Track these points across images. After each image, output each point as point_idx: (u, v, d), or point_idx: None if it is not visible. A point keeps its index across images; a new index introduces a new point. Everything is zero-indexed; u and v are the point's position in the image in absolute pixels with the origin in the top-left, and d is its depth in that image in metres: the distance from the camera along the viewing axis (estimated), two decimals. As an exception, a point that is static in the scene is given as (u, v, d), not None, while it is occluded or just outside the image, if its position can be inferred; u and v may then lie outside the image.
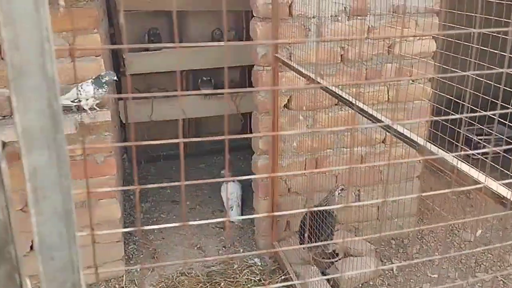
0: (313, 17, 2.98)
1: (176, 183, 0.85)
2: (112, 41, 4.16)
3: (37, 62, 0.59)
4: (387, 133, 2.48)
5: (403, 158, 3.10)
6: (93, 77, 2.62)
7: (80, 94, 2.59)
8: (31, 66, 0.58)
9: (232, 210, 3.76)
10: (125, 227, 3.54)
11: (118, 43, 4.17)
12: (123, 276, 3.10)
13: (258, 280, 3.11)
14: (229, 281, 3.08)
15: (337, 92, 2.17)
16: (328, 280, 3.01)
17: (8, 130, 2.36)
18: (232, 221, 3.75)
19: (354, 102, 2.08)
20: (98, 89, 2.60)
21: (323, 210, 2.86)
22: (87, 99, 2.60)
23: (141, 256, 3.35)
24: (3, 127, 2.37)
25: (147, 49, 4.30)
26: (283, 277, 3.09)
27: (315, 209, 2.92)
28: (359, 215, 3.40)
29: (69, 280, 0.67)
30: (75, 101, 2.60)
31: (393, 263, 3.34)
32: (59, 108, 0.61)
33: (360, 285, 3.09)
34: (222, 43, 4.65)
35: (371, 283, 3.12)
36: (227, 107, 4.52)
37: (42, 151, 0.62)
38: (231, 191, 3.84)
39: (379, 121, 1.89)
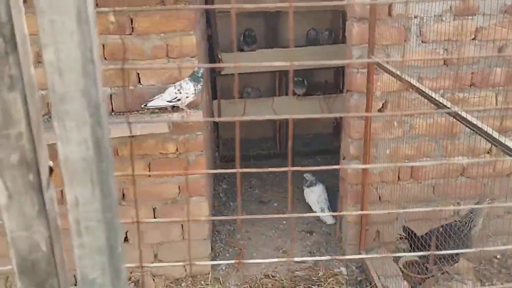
0: (414, 17, 2.81)
1: (283, 168, 0.77)
2: (209, 42, 4.25)
3: (79, 87, 0.54)
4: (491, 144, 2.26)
5: None
6: (189, 75, 2.68)
7: (180, 93, 2.65)
8: (72, 91, 0.54)
9: (324, 212, 3.66)
10: (213, 225, 3.61)
11: (215, 44, 4.25)
12: (209, 274, 3.15)
13: (343, 290, 3.00)
14: (312, 288, 3.00)
15: (434, 97, 2.01)
16: (419, 297, 2.83)
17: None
18: (329, 223, 3.66)
19: (452, 107, 1.91)
20: (197, 85, 2.66)
21: (462, 228, 2.65)
22: (187, 97, 2.66)
23: (227, 254, 3.38)
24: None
25: (242, 49, 4.35)
26: (370, 290, 2.95)
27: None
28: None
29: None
30: (173, 100, 2.67)
31: (493, 285, 3.06)
32: (104, 136, 0.57)
33: (455, 306, 2.87)
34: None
35: (467, 304, 2.88)
36: (319, 109, 4.43)
37: (84, 183, 0.58)
38: (318, 193, 3.75)
39: (481, 129, 1.72)
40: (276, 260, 1.22)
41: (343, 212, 3.34)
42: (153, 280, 3.09)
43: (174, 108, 2.72)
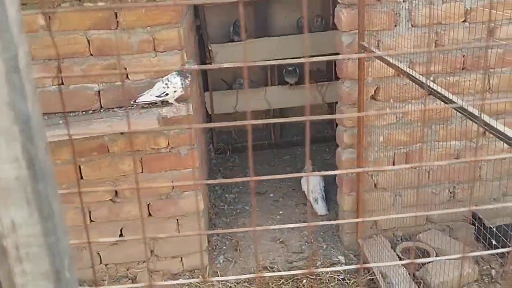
0: (403, 1, 2.77)
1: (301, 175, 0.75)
2: (198, 33, 4.20)
3: (3, 99, 0.48)
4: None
5: (506, 153, 2.80)
6: (176, 70, 2.64)
7: (168, 87, 2.61)
8: None
9: (317, 203, 3.64)
10: (209, 219, 3.59)
11: (204, 35, 4.20)
12: (206, 267, 3.14)
13: (342, 278, 2.99)
14: (311, 278, 2.99)
15: (426, 82, 1.99)
16: (417, 283, 2.82)
17: (95, 123, 2.45)
18: (319, 214, 3.64)
19: (444, 93, 1.89)
20: (184, 80, 2.62)
21: None
22: (175, 91, 2.62)
23: (224, 247, 3.37)
24: (91, 120, 2.47)
25: (232, 40, 4.30)
26: (368, 277, 2.94)
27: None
28: (453, 213, 3.15)
29: None
30: (162, 95, 2.63)
31: (492, 267, 3.05)
32: (38, 154, 0.52)
33: (454, 290, 2.86)
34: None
35: (465, 288, 2.88)
36: (312, 97, 4.40)
37: (20, 205, 0.53)
38: (313, 183, 3.72)
39: (473, 115, 1.70)
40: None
41: (339, 201, 3.32)
42: (151, 275, 3.07)
43: (164, 103, 2.68)
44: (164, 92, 2.62)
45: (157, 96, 2.63)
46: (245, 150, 4.71)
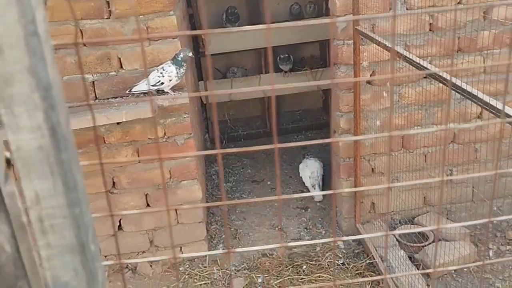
0: (398, -16, 2.75)
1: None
2: (191, 21, 4.16)
3: (24, 65, 0.47)
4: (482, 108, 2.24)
5: (503, 134, 2.81)
6: (171, 58, 2.62)
7: (163, 76, 2.59)
8: (16, 71, 0.47)
9: (314, 189, 3.66)
10: (207, 207, 3.58)
11: (197, 23, 4.16)
12: (206, 256, 3.14)
13: (341, 263, 3.00)
14: (311, 263, 3.00)
15: (424, 65, 1.98)
16: (417, 265, 2.84)
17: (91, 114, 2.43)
18: (316, 200, 3.65)
19: (442, 75, 1.88)
20: (179, 69, 2.60)
21: None
22: (170, 80, 2.60)
23: (223, 236, 3.37)
24: (87, 112, 2.44)
25: (225, 28, 4.26)
26: (367, 261, 2.96)
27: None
28: (452, 196, 3.16)
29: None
30: (157, 84, 2.61)
31: (489, 248, 3.08)
32: (60, 122, 0.50)
33: (453, 271, 2.88)
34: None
35: (464, 269, 2.90)
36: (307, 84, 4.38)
37: (43, 176, 0.51)
38: (312, 170, 3.73)
39: (472, 95, 1.70)
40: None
41: (336, 186, 3.33)
42: (150, 266, 3.07)
43: (159, 92, 2.66)
44: (159, 81, 2.60)
45: (152, 86, 2.60)
46: (240, 139, 4.70)
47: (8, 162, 0.51)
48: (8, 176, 0.53)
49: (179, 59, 2.59)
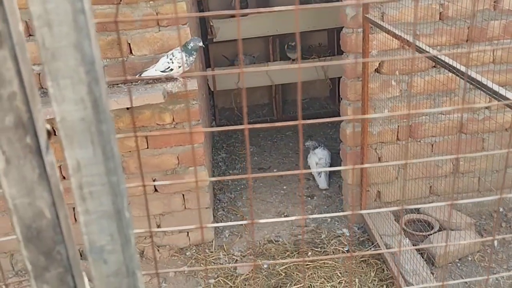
0: (408, -28, 2.74)
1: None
2: (199, 8, 4.16)
3: (70, 41, 0.50)
4: (491, 97, 2.24)
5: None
6: (181, 45, 2.63)
7: (172, 62, 2.61)
8: (63, 45, 0.49)
9: (320, 177, 3.67)
10: (214, 194, 3.61)
11: (205, 10, 4.16)
12: (212, 241, 3.17)
13: (346, 251, 3.03)
14: (316, 250, 3.03)
15: (434, 53, 1.98)
16: (422, 254, 2.86)
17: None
18: (321, 187, 3.67)
19: (452, 64, 1.89)
20: (189, 57, 2.61)
21: None
22: (179, 67, 2.61)
23: (229, 222, 3.40)
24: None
25: (233, 15, 4.26)
26: (372, 249, 2.98)
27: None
28: (458, 185, 3.17)
29: (123, 284, 0.62)
30: (167, 70, 2.62)
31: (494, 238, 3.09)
32: (102, 96, 0.53)
33: (457, 260, 2.90)
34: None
35: (469, 258, 2.92)
36: (315, 72, 4.38)
37: (84, 145, 0.55)
38: (320, 156, 3.74)
39: (483, 85, 1.70)
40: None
41: (343, 174, 3.34)
42: (158, 250, 3.11)
43: (169, 78, 2.67)
44: (169, 67, 2.61)
45: (161, 71, 2.62)
46: (247, 127, 4.71)
47: (49, 134, 0.54)
48: (48, 146, 0.56)
49: (189, 47, 2.60)
